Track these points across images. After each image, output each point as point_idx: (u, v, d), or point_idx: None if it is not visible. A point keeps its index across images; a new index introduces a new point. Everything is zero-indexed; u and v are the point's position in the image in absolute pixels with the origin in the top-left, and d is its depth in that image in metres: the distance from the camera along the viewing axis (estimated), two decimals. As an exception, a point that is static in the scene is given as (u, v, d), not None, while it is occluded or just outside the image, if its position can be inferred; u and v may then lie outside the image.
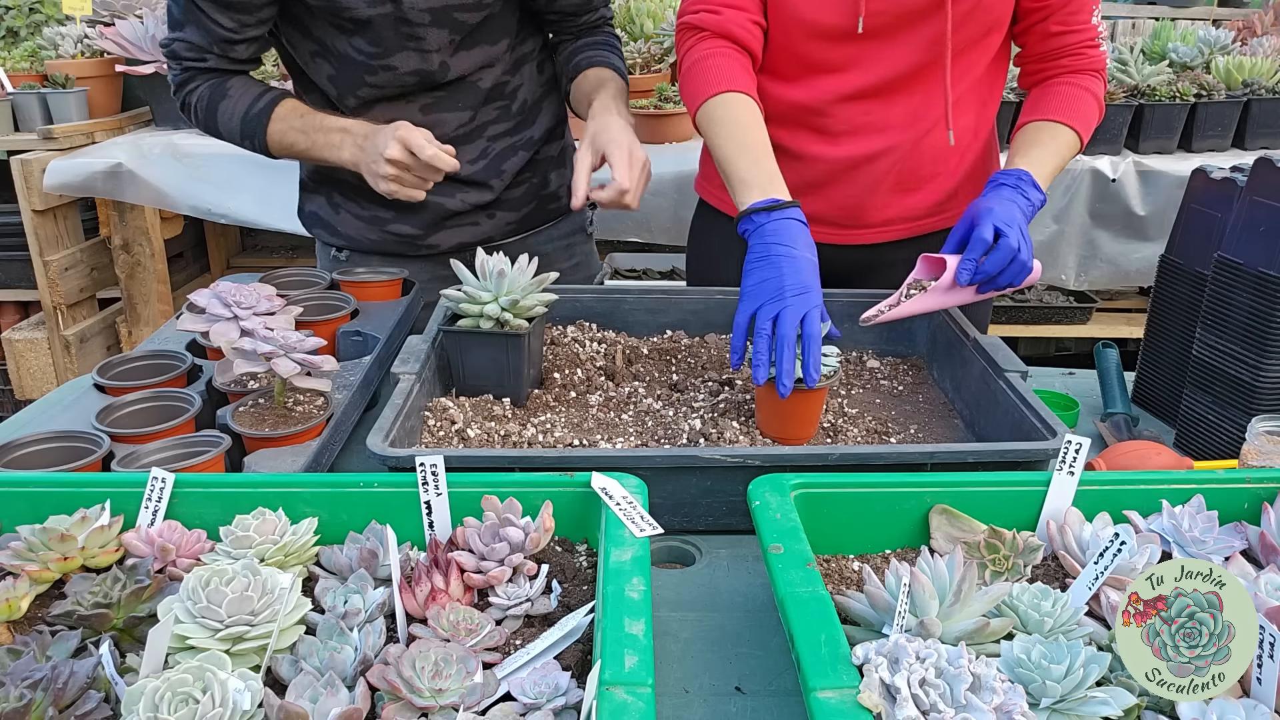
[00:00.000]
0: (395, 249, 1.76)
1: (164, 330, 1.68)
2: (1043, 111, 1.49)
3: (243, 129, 1.57)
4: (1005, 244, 1.30)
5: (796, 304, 1.21)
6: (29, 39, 3.66)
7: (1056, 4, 1.46)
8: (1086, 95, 1.50)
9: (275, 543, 0.93)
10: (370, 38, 1.53)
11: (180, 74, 1.59)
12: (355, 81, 1.59)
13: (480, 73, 1.65)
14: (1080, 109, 1.49)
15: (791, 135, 1.56)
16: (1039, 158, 1.44)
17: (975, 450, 1.12)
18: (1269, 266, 1.25)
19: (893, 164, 1.54)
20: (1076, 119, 1.48)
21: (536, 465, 1.07)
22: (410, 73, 1.58)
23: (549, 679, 0.78)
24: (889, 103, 1.50)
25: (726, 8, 1.47)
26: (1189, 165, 1.99)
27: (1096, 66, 1.52)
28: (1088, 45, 1.50)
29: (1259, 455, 1.17)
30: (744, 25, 1.47)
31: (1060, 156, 1.47)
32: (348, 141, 1.51)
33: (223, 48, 1.54)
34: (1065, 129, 1.47)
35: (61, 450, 1.13)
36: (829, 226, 1.61)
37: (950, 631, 0.81)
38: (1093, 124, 1.51)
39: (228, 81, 1.58)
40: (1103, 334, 3.31)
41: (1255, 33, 3.57)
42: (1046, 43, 1.51)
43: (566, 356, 1.50)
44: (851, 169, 1.55)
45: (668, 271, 3.12)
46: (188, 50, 1.55)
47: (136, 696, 0.71)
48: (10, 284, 3.37)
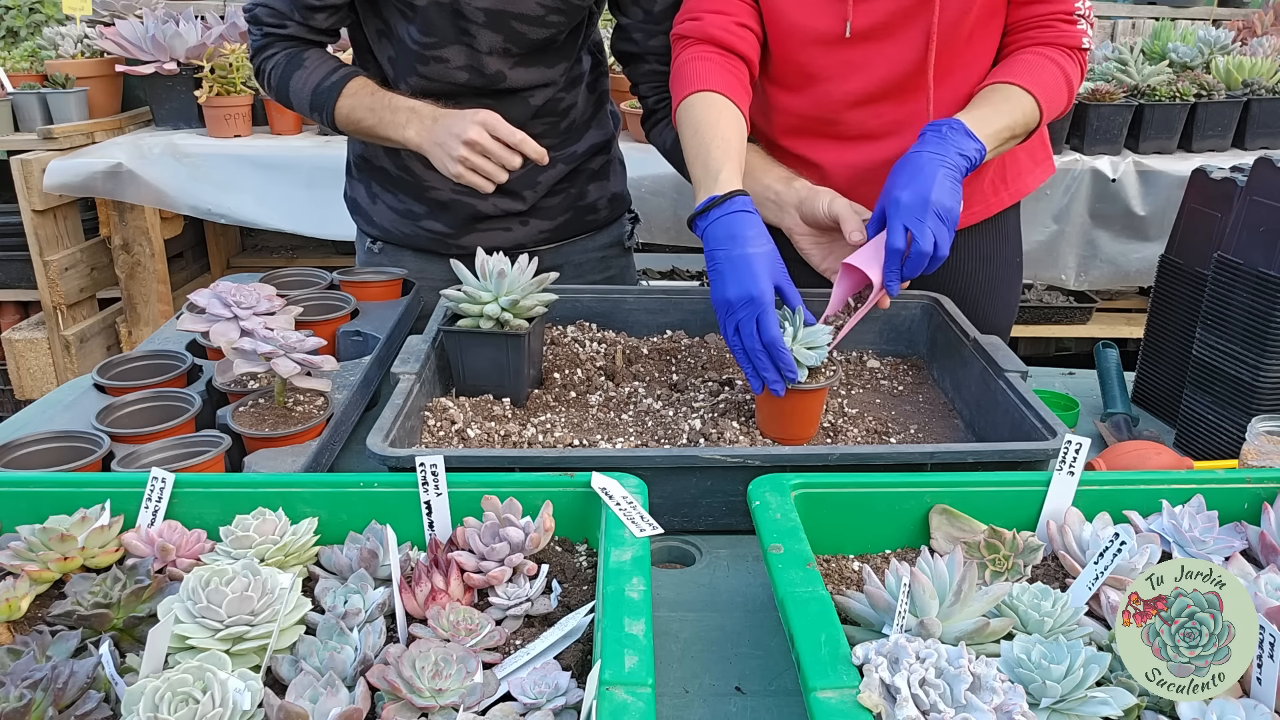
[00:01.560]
0: (428, 245, 1.75)
1: (164, 330, 1.68)
2: (1000, 75, 1.42)
3: (313, 100, 1.56)
4: (918, 249, 1.23)
5: (746, 314, 1.20)
6: (29, 39, 3.66)
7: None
8: (1050, 65, 1.41)
9: (275, 543, 0.93)
10: (423, 25, 1.53)
11: (260, 39, 1.59)
12: (408, 69, 1.59)
13: (534, 91, 1.64)
14: (1040, 76, 1.40)
15: (809, 145, 1.55)
16: (982, 115, 1.35)
17: (975, 450, 1.12)
18: (1269, 266, 1.25)
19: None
20: (1032, 83, 1.38)
21: (536, 465, 1.07)
22: (461, 68, 1.57)
23: (549, 679, 0.78)
24: (899, 102, 1.48)
25: (707, 13, 1.46)
26: (1189, 165, 1.99)
27: (1070, 42, 1.43)
28: (1061, 19, 1.42)
29: (1259, 455, 1.17)
30: (725, 28, 1.45)
31: (1010, 119, 1.37)
32: (414, 120, 1.48)
33: (304, 14, 1.54)
34: (1018, 90, 1.38)
35: (61, 450, 1.13)
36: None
37: (950, 631, 0.81)
38: (1055, 96, 1.41)
39: (305, 52, 1.58)
40: (1103, 334, 3.31)
41: (1255, 33, 3.57)
42: (1020, 11, 1.44)
43: (566, 356, 1.50)
44: (870, 173, 1.51)
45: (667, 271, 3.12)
46: (269, 15, 1.55)
47: (136, 696, 0.71)
48: (10, 284, 3.38)
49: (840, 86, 1.47)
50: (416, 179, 1.68)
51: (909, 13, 1.40)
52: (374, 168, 1.73)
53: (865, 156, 1.51)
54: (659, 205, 2.93)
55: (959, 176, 1.28)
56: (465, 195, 1.56)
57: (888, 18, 1.41)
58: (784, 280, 1.24)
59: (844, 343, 1.52)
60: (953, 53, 1.44)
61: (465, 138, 1.40)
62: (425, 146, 1.47)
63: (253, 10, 1.58)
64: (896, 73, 1.45)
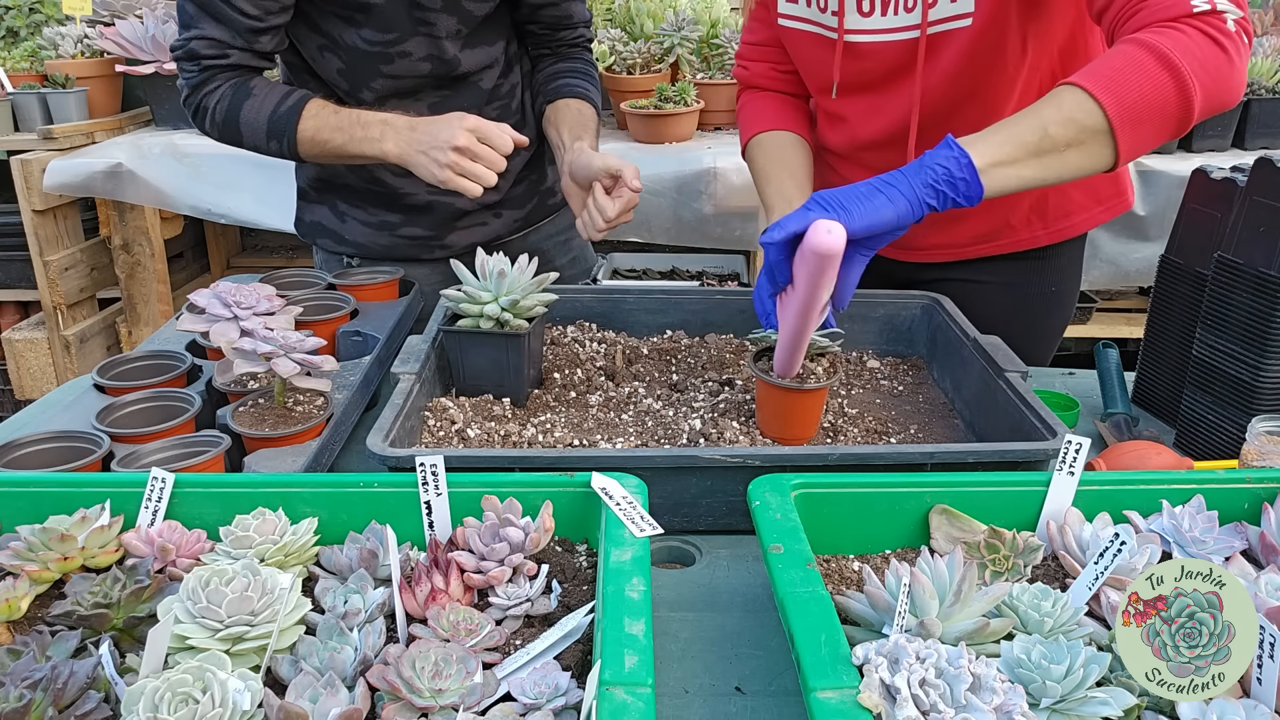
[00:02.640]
0: (408, 253, 1.75)
1: (164, 330, 1.68)
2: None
3: (270, 127, 1.50)
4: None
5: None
6: (29, 39, 3.66)
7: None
8: (1127, 47, 1.08)
9: (275, 543, 0.93)
10: (379, 24, 1.52)
11: (198, 75, 1.50)
12: (369, 73, 1.57)
13: (481, 73, 1.66)
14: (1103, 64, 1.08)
15: (847, 167, 1.59)
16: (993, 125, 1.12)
17: (975, 450, 1.12)
18: (1269, 266, 1.25)
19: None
20: (1085, 75, 1.08)
21: (536, 465, 1.07)
22: (424, 59, 1.57)
23: (549, 679, 0.78)
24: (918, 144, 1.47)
25: (752, 61, 1.63)
26: (1189, 165, 1.99)
27: (1174, 12, 1.08)
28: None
29: (1259, 455, 1.17)
30: (767, 75, 1.61)
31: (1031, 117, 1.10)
32: (389, 133, 1.47)
33: (248, 39, 1.47)
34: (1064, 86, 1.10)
35: (61, 450, 1.13)
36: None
37: (950, 632, 0.81)
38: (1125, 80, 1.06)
39: (250, 81, 1.51)
40: (1103, 334, 3.31)
41: (1255, 33, 3.57)
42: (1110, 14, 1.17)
43: (566, 356, 1.50)
44: None
45: (668, 271, 3.12)
46: (208, 47, 1.47)
47: (136, 696, 0.71)
48: (10, 284, 3.38)
49: (851, 131, 1.52)
50: (389, 189, 1.67)
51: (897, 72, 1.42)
52: (336, 186, 1.72)
53: None
54: (659, 205, 2.93)
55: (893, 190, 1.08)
56: (443, 195, 1.55)
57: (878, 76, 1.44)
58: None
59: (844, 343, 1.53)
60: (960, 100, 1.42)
61: (455, 144, 1.41)
62: (407, 157, 1.46)
63: (186, 46, 1.48)
64: (901, 126, 1.47)
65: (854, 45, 1.42)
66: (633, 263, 3.39)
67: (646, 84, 3.12)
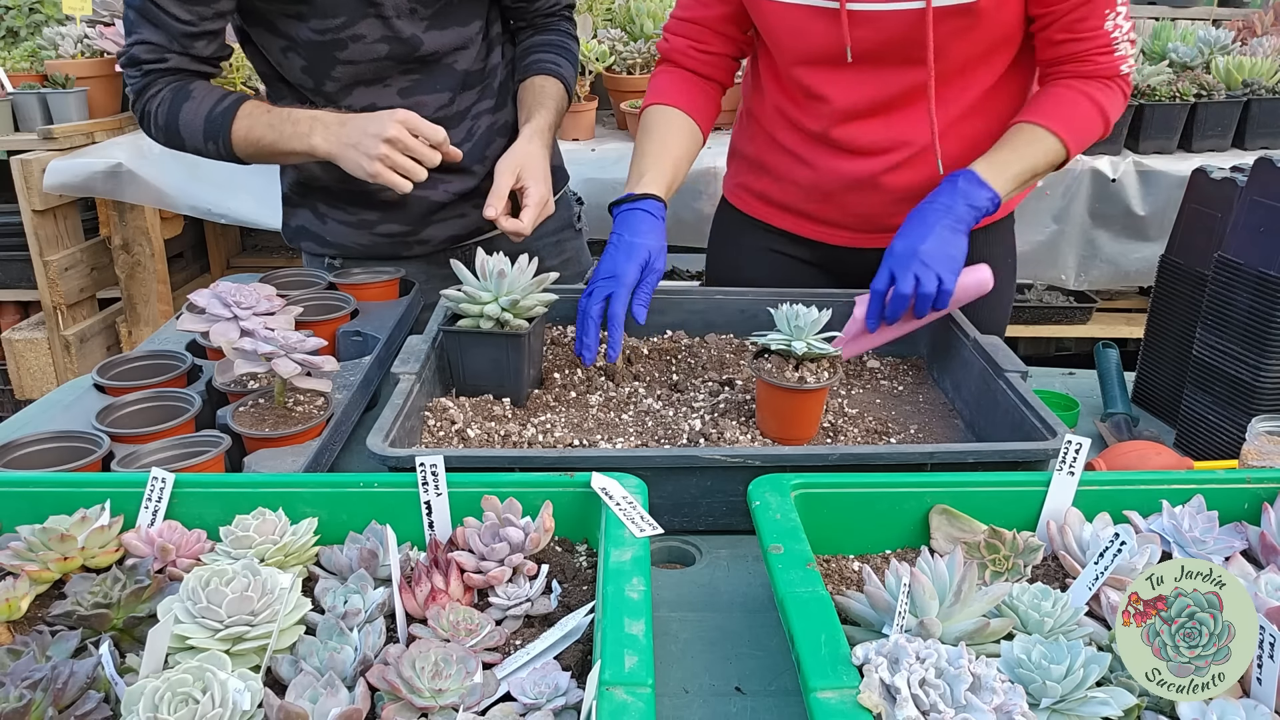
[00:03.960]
0: (388, 251, 1.75)
1: (164, 330, 1.68)
2: (1029, 114, 1.45)
3: (206, 128, 1.51)
4: (898, 293, 1.33)
5: (602, 286, 1.38)
6: (29, 39, 3.66)
7: (1060, 11, 1.40)
8: (1082, 100, 1.43)
9: (275, 543, 0.93)
10: (323, 11, 1.51)
11: (140, 80, 1.53)
12: (328, 63, 1.57)
13: (455, 54, 1.65)
14: (1070, 113, 1.43)
15: (806, 147, 1.58)
16: (1002, 160, 1.41)
17: (975, 450, 1.12)
18: (1269, 266, 1.25)
19: (903, 177, 1.53)
20: (1059, 122, 1.42)
21: (536, 465, 1.07)
22: (379, 40, 1.56)
23: (549, 679, 0.78)
24: (890, 122, 1.49)
25: (675, 36, 1.63)
26: (1189, 165, 1.99)
27: (1107, 73, 1.44)
28: (1099, 52, 1.42)
29: (1259, 455, 1.17)
30: (686, 52, 1.61)
31: (1031, 160, 1.42)
32: (318, 127, 1.48)
33: (183, 43, 1.49)
34: (1044, 132, 1.42)
35: (61, 450, 1.13)
36: (843, 230, 1.64)
37: (950, 632, 0.81)
38: (1086, 132, 1.44)
39: (191, 84, 1.54)
40: (1103, 334, 3.31)
41: (1255, 33, 3.57)
42: (1052, 50, 1.45)
43: (566, 356, 1.50)
44: (861, 184, 1.55)
45: (668, 271, 3.13)
46: (147, 52, 1.50)
47: (136, 696, 0.71)
48: (10, 284, 3.38)
49: (833, 105, 1.51)
50: (361, 185, 1.66)
51: (904, 39, 1.41)
52: (315, 189, 1.72)
53: (855, 167, 1.55)
54: (659, 205, 2.93)
55: (964, 228, 1.37)
56: (418, 189, 1.56)
57: (883, 45, 1.43)
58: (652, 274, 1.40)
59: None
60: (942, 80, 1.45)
61: (386, 135, 1.42)
62: (334, 151, 1.47)
63: (128, 52, 1.51)
64: (891, 93, 1.47)
65: (857, 14, 1.40)
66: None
67: (646, 84, 3.11)
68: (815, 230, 1.66)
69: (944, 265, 1.33)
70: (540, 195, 1.52)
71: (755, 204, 1.72)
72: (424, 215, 1.73)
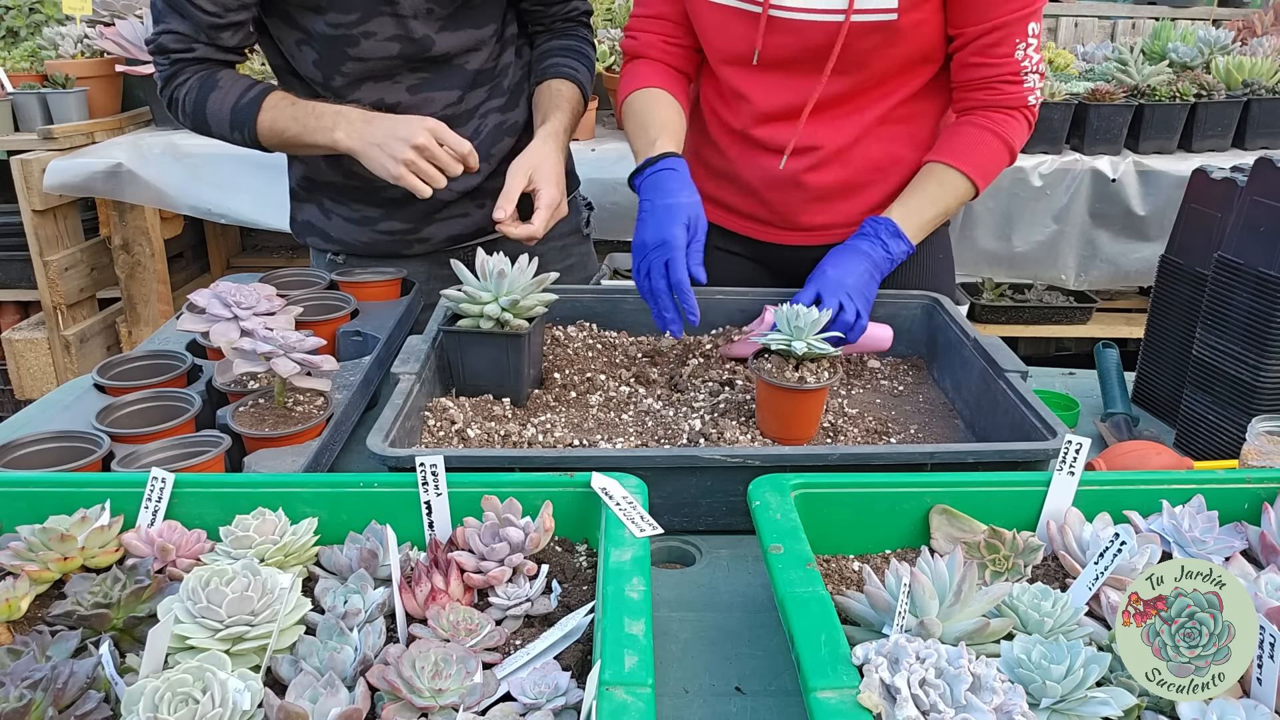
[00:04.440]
0: (388, 249, 1.76)
1: (164, 330, 1.68)
2: (941, 152, 1.51)
3: (233, 118, 1.54)
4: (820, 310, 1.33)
5: (657, 256, 1.34)
6: (29, 39, 3.66)
7: (972, 34, 1.43)
8: (990, 139, 1.48)
9: (275, 543, 0.93)
10: (341, 6, 1.53)
11: (168, 68, 1.56)
12: (339, 58, 1.58)
13: (467, 55, 1.65)
14: (979, 153, 1.49)
15: (731, 144, 1.62)
16: (917, 205, 1.48)
17: (975, 450, 1.12)
18: (1269, 266, 1.25)
19: (821, 178, 1.57)
20: (970, 164, 1.48)
21: (536, 465, 1.07)
22: (391, 39, 1.57)
23: (549, 679, 0.78)
24: (810, 124, 1.52)
25: (641, 32, 1.62)
26: (1189, 165, 1.99)
27: (1013, 103, 1.48)
28: (1007, 80, 1.46)
29: (1259, 455, 1.17)
30: (654, 45, 1.60)
31: (944, 204, 1.50)
32: (341, 122, 1.50)
33: (210, 34, 1.52)
34: (954, 173, 1.49)
35: (61, 450, 1.13)
36: (768, 226, 1.67)
37: (950, 632, 0.81)
38: (993, 168, 1.51)
39: (218, 74, 1.56)
40: (1103, 334, 3.31)
41: (1255, 33, 3.57)
42: (965, 73, 1.49)
43: (566, 356, 1.50)
44: (780, 182, 1.59)
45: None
46: (175, 41, 1.53)
47: (136, 696, 0.71)
48: (10, 284, 3.38)
49: (751, 105, 1.54)
50: (367, 183, 1.67)
51: (813, 51, 1.45)
52: (321, 184, 1.73)
53: (772, 166, 1.58)
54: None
55: (880, 275, 1.45)
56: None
57: (793, 55, 1.47)
58: (699, 230, 1.35)
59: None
60: (862, 89, 1.50)
61: (415, 142, 1.44)
62: (358, 147, 1.48)
63: (156, 40, 1.55)
64: (804, 99, 1.50)
65: (778, 20, 1.44)
66: (632, 263, 3.38)
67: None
68: (745, 226, 1.69)
69: (863, 303, 1.40)
70: (552, 198, 1.52)
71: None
72: (426, 214, 1.73)
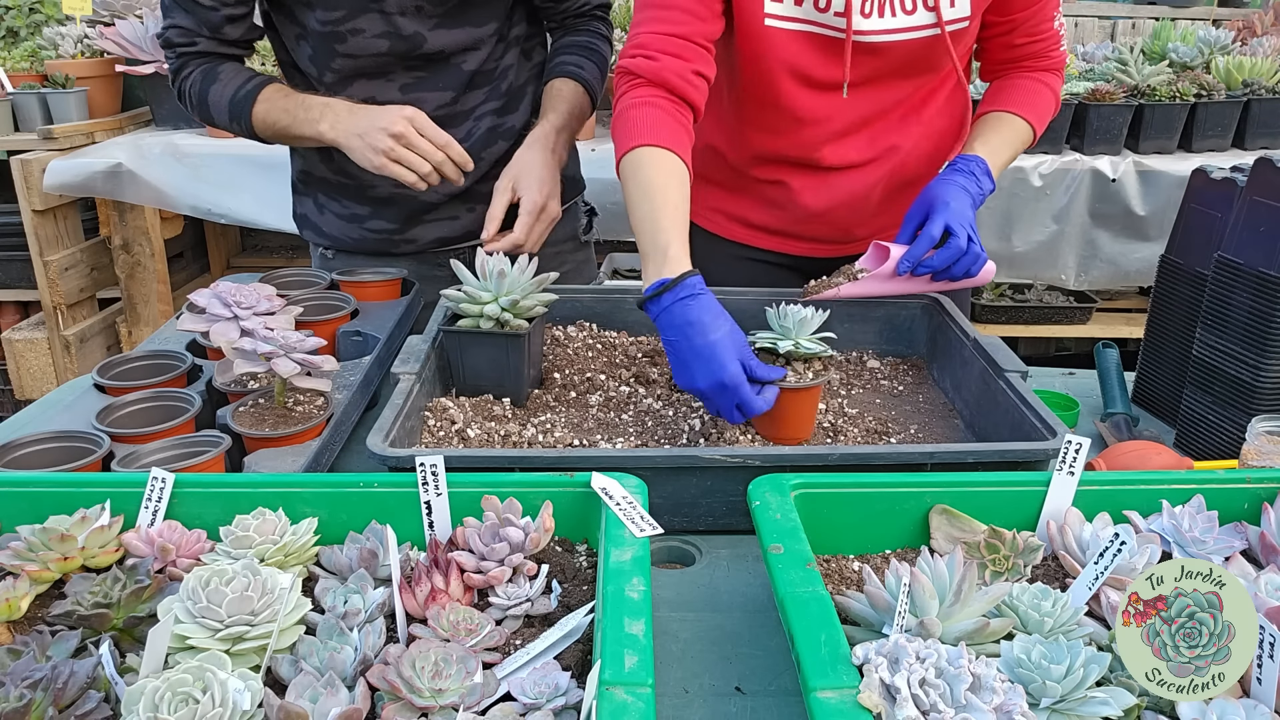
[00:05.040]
0: (376, 247, 1.76)
1: (164, 330, 1.68)
2: (1002, 102, 1.56)
3: (231, 110, 1.58)
4: (954, 243, 1.35)
5: (724, 401, 1.19)
6: (29, 39, 3.66)
7: (1022, 18, 1.51)
8: (1044, 90, 1.57)
9: (275, 543, 0.93)
10: (328, 3, 1.54)
11: (175, 61, 1.60)
12: (329, 54, 1.59)
13: (464, 54, 1.64)
14: (1037, 102, 1.56)
15: (786, 172, 1.59)
16: (995, 147, 1.51)
17: (975, 450, 1.12)
18: (1269, 266, 1.25)
19: (880, 188, 1.59)
20: (1032, 112, 1.54)
21: (536, 465, 1.07)
22: (379, 36, 1.57)
23: (549, 679, 0.78)
24: (873, 136, 1.55)
25: (665, 55, 1.37)
26: (1189, 165, 1.99)
27: (1057, 65, 1.59)
28: (1050, 49, 1.57)
29: (1259, 455, 1.17)
30: (682, 74, 1.37)
31: (1013, 147, 1.54)
32: (327, 114, 1.52)
33: (211, 28, 1.56)
34: (1021, 120, 1.54)
35: (61, 450, 1.13)
36: (821, 244, 1.66)
37: (950, 632, 0.81)
38: (1047, 118, 1.58)
39: (219, 66, 1.60)
40: (1103, 334, 3.31)
41: (1255, 33, 3.57)
42: (1008, 52, 1.57)
43: (566, 356, 1.50)
44: (844, 202, 1.60)
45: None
46: (179, 36, 1.57)
47: (136, 696, 0.71)
48: (10, 284, 3.38)
49: (824, 128, 1.52)
50: (356, 180, 1.68)
51: (895, 68, 1.47)
52: (316, 179, 1.74)
53: (837, 186, 1.58)
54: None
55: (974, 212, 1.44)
56: (406, 188, 1.56)
57: (878, 71, 1.47)
58: (748, 355, 1.20)
59: (843, 343, 1.53)
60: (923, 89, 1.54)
61: (392, 130, 1.44)
62: (341, 139, 1.50)
63: (164, 35, 1.60)
64: (874, 111, 1.52)
65: (861, 44, 1.42)
66: (633, 263, 3.39)
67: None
68: (798, 247, 1.68)
69: (978, 236, 1.39)
70: (533, 203, 1.50)
71: (732, 227, 1.71)
72: (413, 215, 1.73)
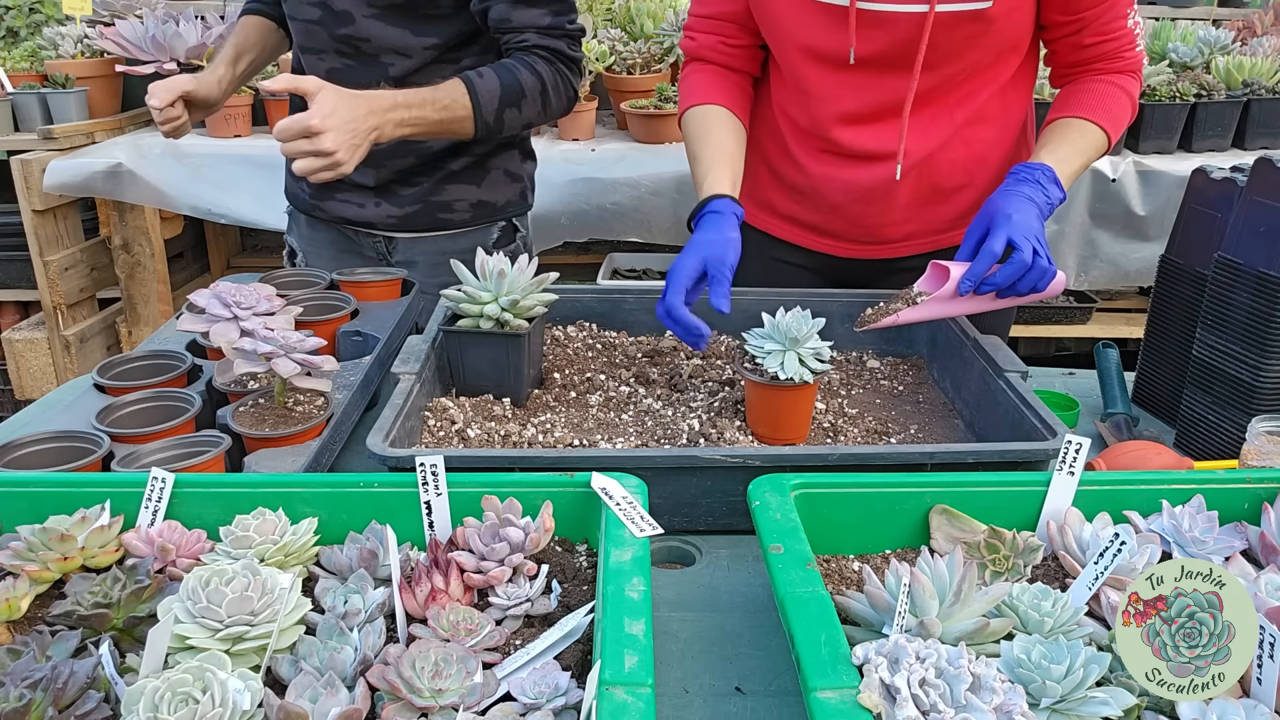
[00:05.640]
0: (305, 208, 1.88)
1: (164, 330, 1.68)
2: (1072, 108, 1.47)
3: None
4: (1018, 258, 1.27)
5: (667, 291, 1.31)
6: (29, 39, 3.66)
7: (1091, 16, 1.43)
8: (1119, 93, 1.48)
9: (275, 543, 0.93)
10: None
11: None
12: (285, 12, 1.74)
13: (393, 56, 1.67)
14: (1111, 106, 1.47)
15: (809, 156, 1.56)
16: (1065, 155, 1.43)
17: (975, 450, 1.12)
18: (1269, 266, 1.25)
19: (908, 184, 1.52)
20: (1105, 117, 1.46)
21: (536, 465, 1.07)
22: (313, 4, 1.65)
23: (549, 679, 0.78)
24: (891, 128, 1.48)
25: (700, 33, 1.58)
26: (1189, 165, 1.99)
27: (1133, 67, 1.50)
28: (1125, 49, 1.47)
29: (1259, 455, 1.17)
30: (715, 48, 1.57)
31: (1086, 155, 1.46)
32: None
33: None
34: (1093, 126, 1.46)
35: (61, 450, 1.13)
36: (847, 242, 1.62)
37: (950, 632, 0.81)
38: (1124, 123, 1.50)
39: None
40: (1103, 334, 3.31)
41: (1255, 33, 3.57)
42: (1079, 53, 1.48)
43: (566, 356, 1.50)
44: (866, 192, 1.54)
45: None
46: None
47: (136, 696, 0.71)
48: (10, 284, 3.37)
49: (834, 105, 1.49)
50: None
51: (904, 45, 1.41)
52: None
53: (858, 174, 1.53)
54: (659, 205, 2.93)
55: (1044, 223, 1.37)
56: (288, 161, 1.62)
57: (888, 47, 1.41)
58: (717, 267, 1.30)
59: (843, 343, 1.53)
60: (951, 86, 1.46)
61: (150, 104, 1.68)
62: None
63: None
64: (894, 98, 1.46)
65: (866, 13, 1.39)
66: (633, 263, 3.39)
67: (646, 84, 3.12)
68: (818, 241, 1.65)
69: (1046, 249, 1.32)
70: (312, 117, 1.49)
71: (757, 214, 1.69)
72: (323, 188, 1.80)
